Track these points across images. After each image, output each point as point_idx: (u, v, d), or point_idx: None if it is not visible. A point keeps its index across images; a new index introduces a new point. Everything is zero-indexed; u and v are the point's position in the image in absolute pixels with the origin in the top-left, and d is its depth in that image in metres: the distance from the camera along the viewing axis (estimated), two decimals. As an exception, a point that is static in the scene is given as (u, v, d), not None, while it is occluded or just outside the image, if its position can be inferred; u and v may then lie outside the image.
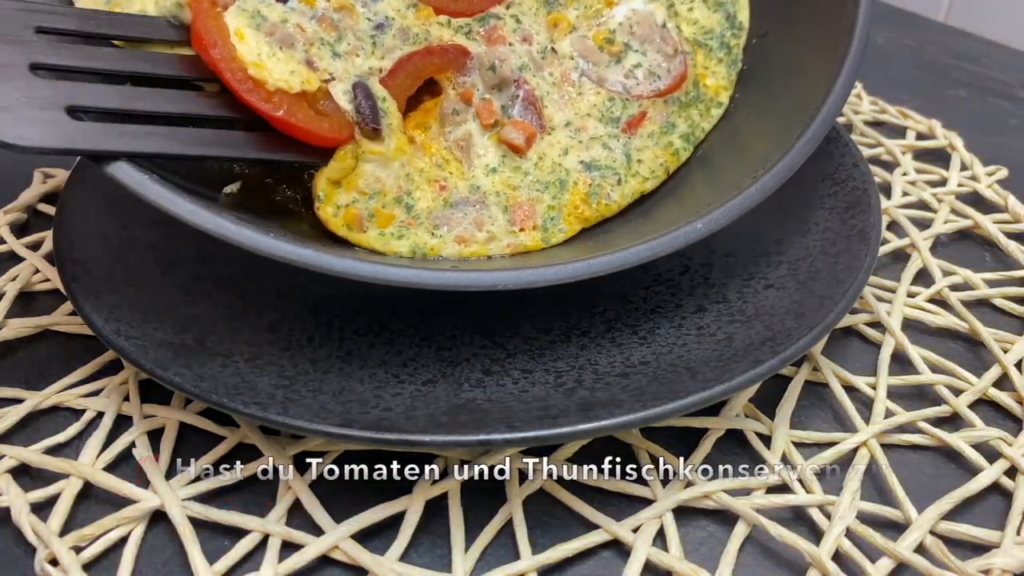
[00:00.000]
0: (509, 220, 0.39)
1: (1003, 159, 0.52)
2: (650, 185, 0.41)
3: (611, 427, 0.30)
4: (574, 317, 0.39)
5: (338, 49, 0.38)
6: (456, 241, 0.38)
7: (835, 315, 0.34)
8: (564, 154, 0.40)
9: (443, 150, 0.39)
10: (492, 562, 0.31)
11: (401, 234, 0.37)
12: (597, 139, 0.41)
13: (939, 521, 0.32)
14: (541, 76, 0.41)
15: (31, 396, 0.36)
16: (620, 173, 0.41)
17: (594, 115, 0.41)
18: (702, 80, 0.43)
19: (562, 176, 0.40)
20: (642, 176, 0.41)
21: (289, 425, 0.31)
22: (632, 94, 0.42)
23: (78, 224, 0.40)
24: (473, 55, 0.40)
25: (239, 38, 0.35)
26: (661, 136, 0.42)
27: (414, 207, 0.38)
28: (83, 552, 0.31)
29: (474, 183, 0.39)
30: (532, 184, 0.40)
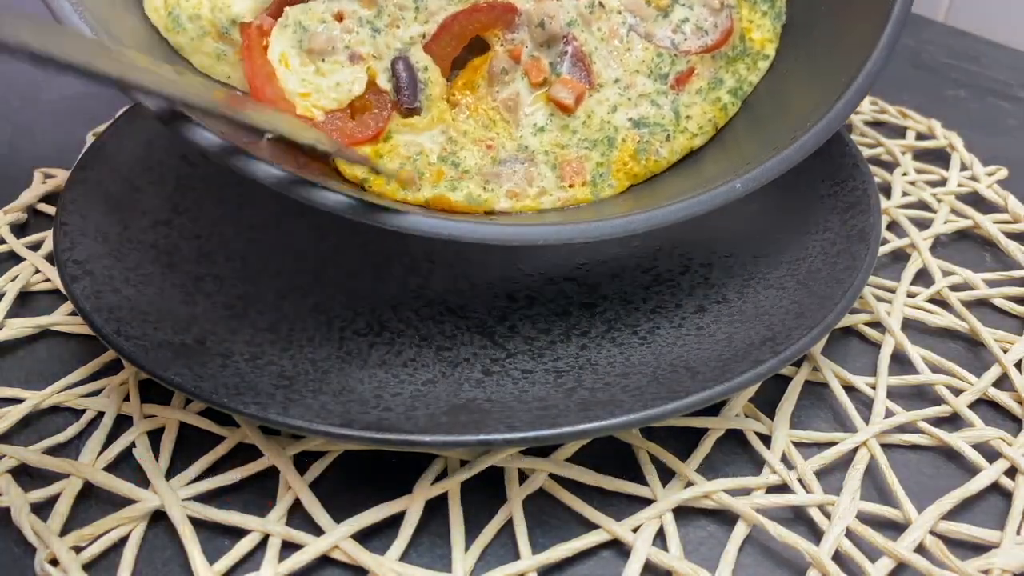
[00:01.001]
0: (558, 176, 0.39)
1: (1003, 159, 0.52)
2: (699, 141, 0.41)
3: (611, 427, 0.30)
4: (574, 317, 0.39)
5: (378, 24, 0.38)
6: (508, 196, 0.38)
7: (835, 315, 0.34)
8: (613, 111, 0.40)
9: (490, 110, 0.39)
10: (492, 562, 0.31)
11: (455, 187, 0.37)
12: (646, 96, 0.41)
13: (939, 521, 0.32)
14: (589, 32, 0.41)
15: (31, 396, 0.36)
16: (669, 129, 0.40)
17: (643, 71, 0.41)
18: (748, 34, 0.43)
19: (610, 134, 0.40)
20: (690, 132, 0.41)
21: (289, 425, 0.31)
22: (680, 49, 0.41)
23: (78, 224, 0.40)
24: (521, 11, 0.40)
25: (284, 65, 0.37)
26: (709, 92, 0.42)
27: (461, 164, 0.38)
28: (83, 552, 0.31)
29: (522, 143, 0.39)
30: (580, 142, 0.39)
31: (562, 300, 0.40)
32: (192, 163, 0.45)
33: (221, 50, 0.38)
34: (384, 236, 0.43)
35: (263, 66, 0.37)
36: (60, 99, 0.56)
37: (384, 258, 0.42)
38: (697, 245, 0.42)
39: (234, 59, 0.38)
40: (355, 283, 0.40)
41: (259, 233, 0.43)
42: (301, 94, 0.37)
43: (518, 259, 0.42)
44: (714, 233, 0.42)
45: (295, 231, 0.43)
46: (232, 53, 0.38)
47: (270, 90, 0.36)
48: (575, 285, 0.40)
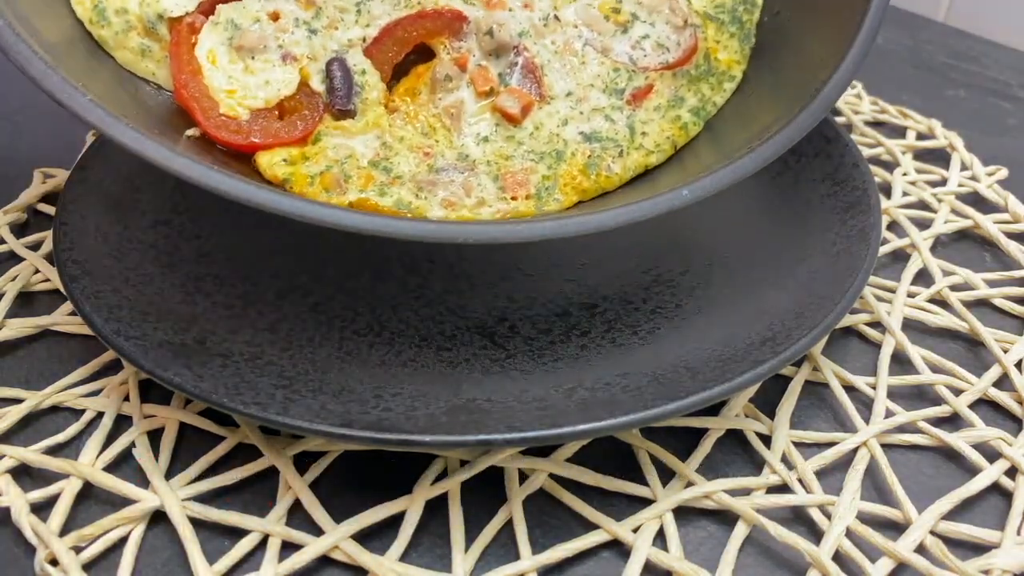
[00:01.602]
0: (500, 188, 0.37)
1: (1003, 159, 0.52)
2: (654, 159, 0.39)
3: (611, 427, 0.30)
4: (574, 317, 0.39)
5: (315, 26, 0.37)
6: (443, 205, 0.36)
7: (835, 315, 0.34)
8: (563, 124, 0.39)
9: (430, 118, 0.38)
10: (492, 562, 0.31)
11: (384, 192, 0.36)
12: (599, 111, 0.40)
13: (939, 521, 0.32)
14: (542, 44, 0.40)
15: (31, 396, 0.36)
16: (622, 145, 0.39)
17: (597, 86, 0.40)
18: (714, 54, 0.42)
19: (559, 147, 0.38)
20: (646, 149, 0.39)
21: (289, 425, 0.31)
22: (639, 66, 0.40)
23: (78, 224, 0.40)
24: (470, 19, 0.39)
25: (212, 62, 0.36)
26: (669, 110, 0.40)
27: (393, 170, 0.37)
28: (83, 552, 0.31)
29: (463, 151, 0.38)
30: (526, 154, 0.38)
31: (562, 300, 0.40)
32: (192, 163, 0.45)
33: (146, 46, 0.38)
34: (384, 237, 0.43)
35: (189, 62, 0.36)
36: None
37: (384, 258, 0.42)
38: (697, 245, 0.42)
39: (159, 55, 0.38)
40: (355, 283, 0.40)
41: (259, 233, 0.43)
42: (227, 91, 0.36)
43: (518, 259, 0.42)
44: (714, 234, 0.42)
45: (295, 231, 0.43)
46: (158, 49, 0.38)
47: (194, 87, 0.36)
48: (575, 285, 0.40)
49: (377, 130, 0.37)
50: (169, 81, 0.37)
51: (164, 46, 0.37)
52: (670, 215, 0.43)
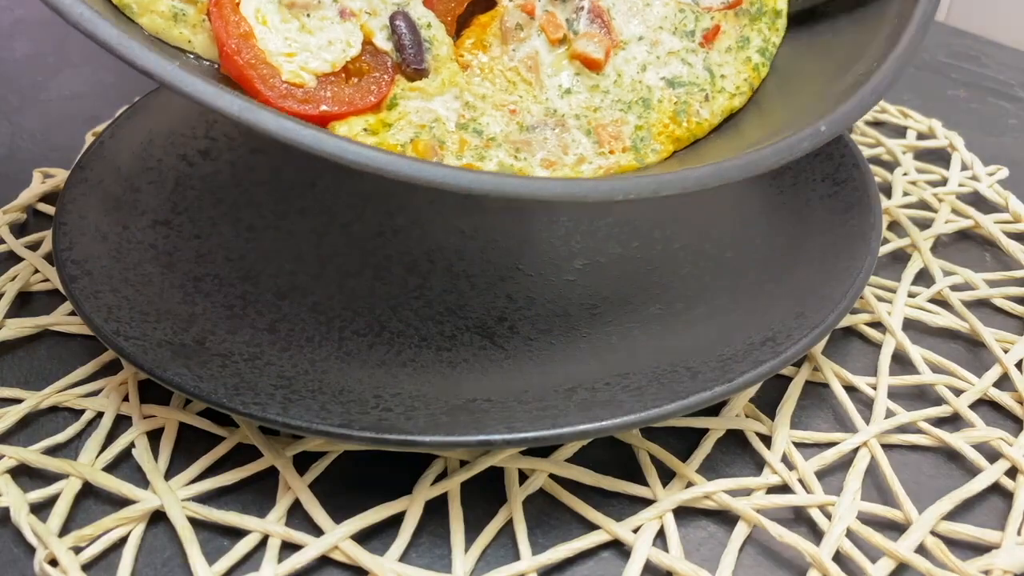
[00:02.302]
0: (595, 143, 0.35)
1: (1003, 159, 0.52)
2: (738, 102, 0.38)
3: (611, 427, 0.30)
4: (574, 317, 0.39)
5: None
6: (543, 165, 0.35)
7: (835, 315, 0.34)
8: (642, 70, 0.37)
9: (507, 71, 0.36)
10: (492, 562, 0.31)
11: (482, 156, 0.34)
12: (675, 54, 0.38)
13: (940, 521, 0.32)
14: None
15: (30, 396, 0.36)
16: (706, 89, 0.38)
17: (666, 28, 0.38)
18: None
19: (644, 94, 0.37)
20: (728, 92, 0.38)
21: (289, 425, 0.31)
22: (702, 5, 0.39)
23: (77, 224, 0.40)
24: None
25: (262, 23, 0.32)
26: (739, 51, 0.39)
27: (484, 131, 0.34)
28: (82, 552, 0.31)
29: (549, 106, 0.36)
30: (614, 104, 0.37)
31: (562, 300, 0.40)
32: (191, 163, 0.45)
33: (178, 9, 0.33)
34: (383, 235, 0.43)
35: (237, 24, 0.32)
36: (60, 99, 0.56)
37: (383, 258, 0.42)
38: (697, 245, 0.42)
39: (195, 19, 0.33)
40: (354, 283, 0.40)
41: (258, 233, 0.43)
42: (286, 54, 0.32)
43: (518, 259, 0.42)
44: (714, 234, 0.42)
45: (295, 231, 0.43)
46: (193, 13, 0.33)
47: (248, 52, 0.32)
48: (575, 285, 0.40)
49: (455, 89, 0.34)
50: (208, 49, 0.33)
51: (200, 8, 0.33)
52: (669, 214, 0.43)
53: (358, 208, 0.44)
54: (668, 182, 0.30)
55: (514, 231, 0.43)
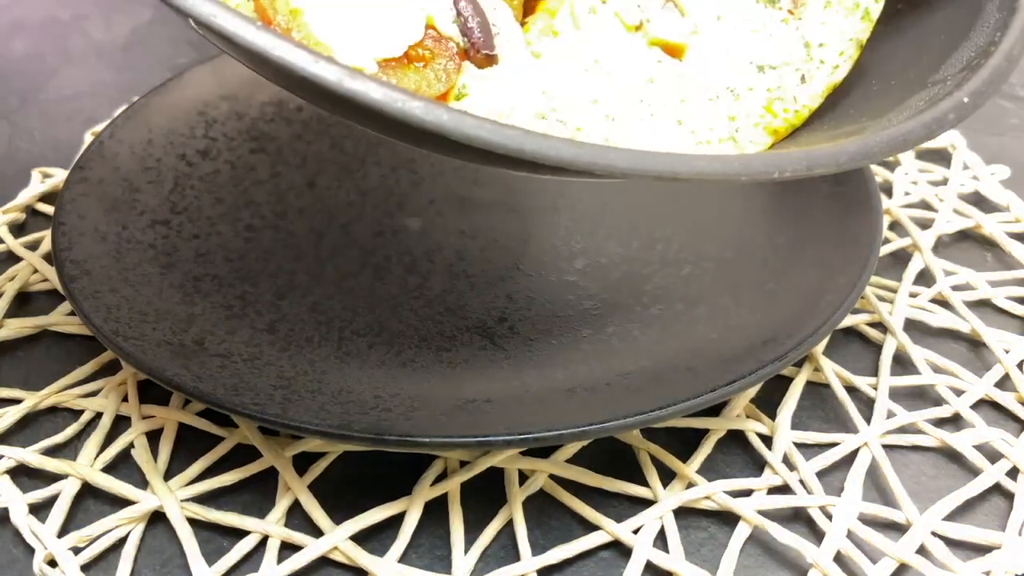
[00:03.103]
0: (691, 132, 0.32)
1: (1004, 159, 0.52)
2: (841, 73, 0.33)
3: (611, 427, 0.30)
4: (574, 317, 0.39)
5: None
6: None
7: (836, 315, 0.34)
8: (725, 54, 0.33)
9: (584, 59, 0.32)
10: (492, 563, 0.31)
11: None
12: (758, 31, 0.34)
13: (940, 522, 0.32)
14: None
15: (29, 396, 0.36)
16: (801, 71, 0.33)
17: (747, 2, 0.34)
18: None
19: (731, 83, 0.33)
20: (830, 64, 0.34)
21: (288, 425, 0.31)
22: None
23: (77, 224, 0.40)
24: None
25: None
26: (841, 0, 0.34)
27: (568, 122, 0.31)
28: (82, 553, 0.31)
29: (634, 95, 0.32)
30: (702, 92, 0.33)
31: (562, 300, 0.40)
32: (191, 163, 0.45)
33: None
34: (383, 235, 0.43)
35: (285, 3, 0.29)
36: (59, 99, 0.56)
37: (383, 257, 0.42)
38: (697, 245, 0.42)
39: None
40: (354, 283, 0.40)
41: (258, 233, 0.43)
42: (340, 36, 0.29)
43: (518, 259, 0.42)
44: (715, 234, 0.42)
45: (294, 231, 0.43)
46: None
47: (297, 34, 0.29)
48: (575, 285, 0.40)
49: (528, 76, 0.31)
50: None
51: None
52: (669, 214, 0.42)
53: (358, 208, 0.44)
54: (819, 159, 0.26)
55: (514, 231, 0.43)
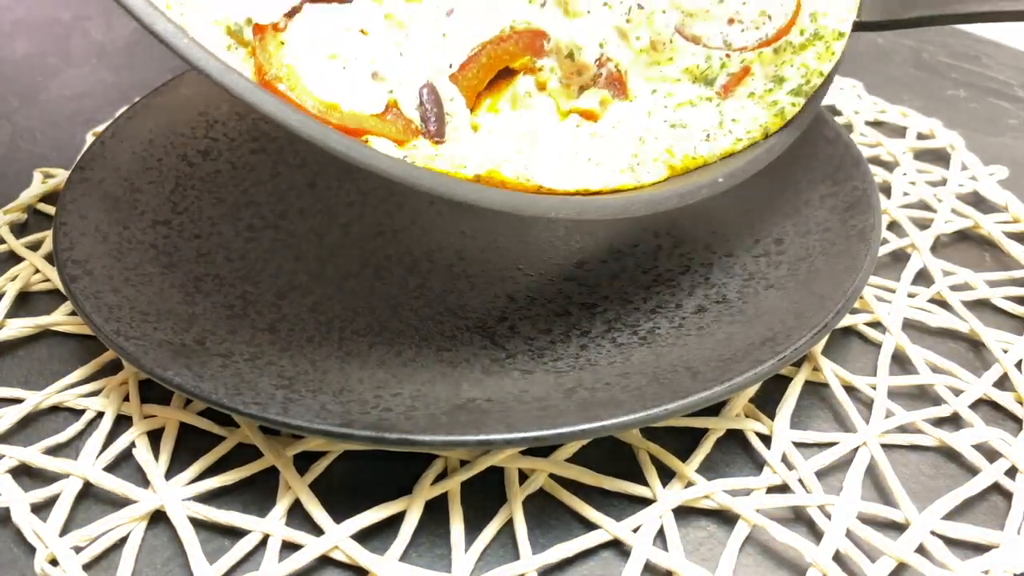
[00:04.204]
0: (596, 164, 0.36)
1: (1003, 159, 0.52)
2: (742, 146, 0.37)
3: (611, 427, 0.30)
4: (574, 317, 0.39)
5: (404, 48, 0.35)
6: None
7: (835, 315, 0.34)
8: (647, 117, 0.37)
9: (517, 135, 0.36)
10: (492, 562, 0.31)
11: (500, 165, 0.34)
12: (686, 103, 0.37)
13: (939, 521, 0.32)
14: (627, 44, 0.37)
15: (31, 396, 0.36)
16: (709, 131, 0.37)
17: (686, 79, 0.37)
18: (820, 8, 0.37)
19: (643, 133, 0.37)
20: (735, 136, 0.37)
21: (289, 425, 0.31)
22: (734, 47, 0.37)
23: (78, 224, 0.40)
24: (551, 37, 0.37)
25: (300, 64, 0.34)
26: (764, 95, 0.37)
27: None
28: (83, 552, 0.31)
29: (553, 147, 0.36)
30: (610, 144, 0.37)
31: (562, 300, 0.40)
32: (192, 163, 0.45)
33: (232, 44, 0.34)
34: (383, 235, 0.43)
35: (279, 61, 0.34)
36: (60, 99, 0.56)
37: (383, 258, 0.42)
38: (697, 245, 0.42)
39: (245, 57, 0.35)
40: (355, 283, 0.40)
41: (258, 233, 0.43)
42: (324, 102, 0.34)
43: (518, 259, 0.42)
44: (714, 233, 0.42)
45: (295, 231, 0.43)
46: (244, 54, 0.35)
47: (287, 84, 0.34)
48: (575, 285, 0.40)
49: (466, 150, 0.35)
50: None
51: (250, 51, 0.34)
52: (669, 215, 0.42)
53: (358, 208, 0.44)
54: (588, 207, 0.33)
55: (514, 231, 0.43)
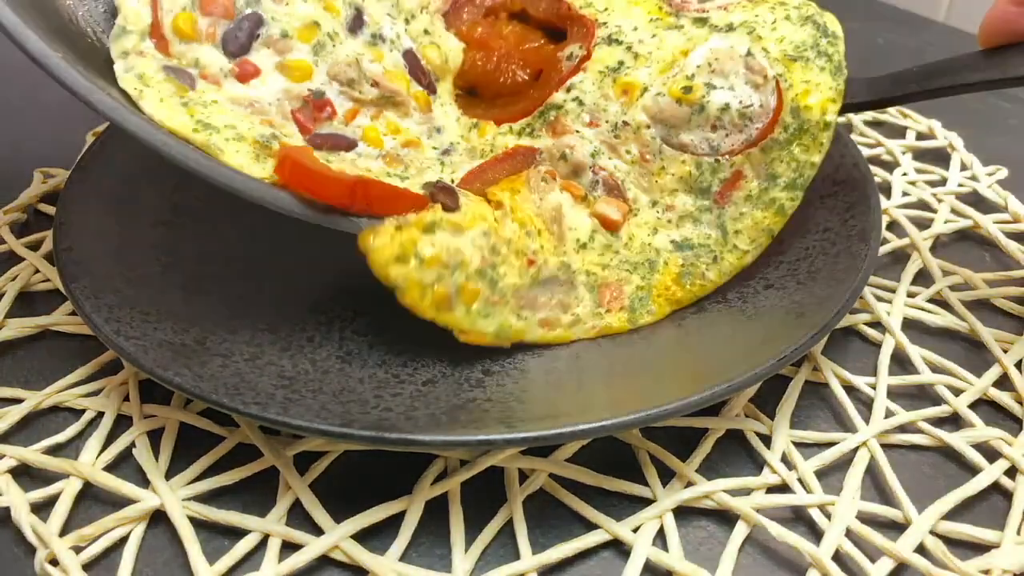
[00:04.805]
0: (595, 301, 0.37)
1: (1003, 159, 0.52)
2: (750, 258, 0.39)
3: (611, 427, 0.30)
4: (574, 317, 0.39)
5: (405, 175, 0.37)
6: (541, 325, 0.36)
7: (835, 315, 0.34)
8: (653, 234, 0.38)
9: (534, 218, 0.37)
10: (492, 562, 0.31)
11: (488, 313, 0.35)
12: (687, 216, 0.39)
13: (939, 521, 0.32)
14: (618, 156, 0.39)
15: (31, 396, 0.36)
16: (715, 251, 0.38)
17: (682, 188, 0.39)
18: (803, 101, 0.38)
19: (651, 256, 0.38)
20: (741, 250, 0.38)
21: (289, 425, 0.31)
22: (721, 152, 0.38)
23: (78, 224, 0.40)
24: (542, 149, 0.39)
25: None
26: (761, 195, 0.38)
27: (499, 283, 0.35)
28: (83, 552, 0.31)
29: (565, 260, 0.37)
30: (621, 263, 0.38)
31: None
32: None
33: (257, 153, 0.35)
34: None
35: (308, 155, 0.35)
36: (60, 99, 0.56)
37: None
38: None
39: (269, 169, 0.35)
40: (355, 283, 0.40)
41: (259, 233, 0.43)
42: None
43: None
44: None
45: (295, 231, 0.43)
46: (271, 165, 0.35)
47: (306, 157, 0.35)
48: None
49: (484, 224, 0.35)
50: None
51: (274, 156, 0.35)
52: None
53: (358, 208, 0.44)
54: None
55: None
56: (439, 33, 0.44)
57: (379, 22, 0.41)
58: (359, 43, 0.40)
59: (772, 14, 0.40)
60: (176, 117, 0.34)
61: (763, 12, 0.40)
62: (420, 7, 0.43)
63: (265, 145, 0.34)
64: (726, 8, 0.41)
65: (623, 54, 0.40)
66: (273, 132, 0.35)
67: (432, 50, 0.43)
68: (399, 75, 0.41)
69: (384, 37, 0.41)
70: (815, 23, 0.39)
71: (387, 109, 0.39)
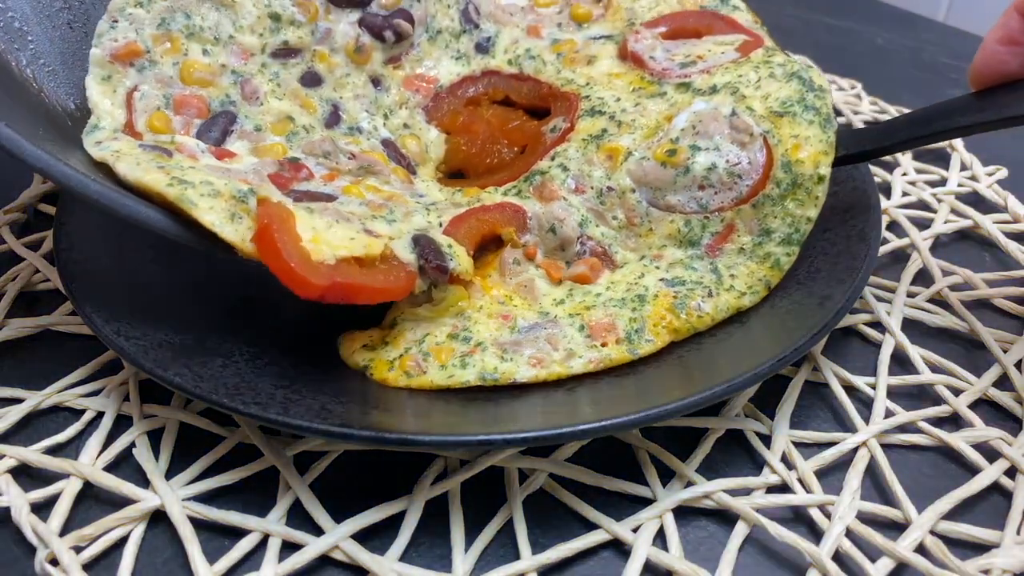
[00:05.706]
0: (587, 336, 0.35)
1: (1003, 159, 0.52)
2: (748, 301, 0.37)
3: (611, 427, 0.30)
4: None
5: (392, 217, 0.37)
6: (530, 363, 0.34)
7: (835, 315, 0.34)
8: (640, 277, 0.38)
9: (507, 291, 0.37)
10: (492, 562, 0.31)
11: (465, 363, 0.34)
12: (677, 263, 0.38)
13: (939, 521, 0.32)
14: (606, 224, 0.38)
15: (31, 396, 0.36)
16: (710, 287, 0.37)
17: (671, 244, 0.38)
18: (794, 156, 0.37)
19: (640, 292, 0.37)
20: (738, 291, 0.37)
21: (289, 425, 0.31)
22: (711, 209, 0.38)
23: (78, 224, 0.40)
24: (531, 215, 0.39)
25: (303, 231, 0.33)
26: (755, 249, 0.38)
27: (473, 338, 0.35)
28: (83, 552, 0.31)
29: (542, 311, 0.37)
30: (607, 303, 0.37)
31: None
32: (192, 163, 0.45)
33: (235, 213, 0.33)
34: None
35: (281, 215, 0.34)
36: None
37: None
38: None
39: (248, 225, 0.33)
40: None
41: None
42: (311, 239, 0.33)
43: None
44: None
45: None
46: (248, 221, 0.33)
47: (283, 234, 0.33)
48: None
49: (454, 311, 0.36)
50: None
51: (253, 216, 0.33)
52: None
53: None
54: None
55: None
56: (419, 126, 0.44)
57: (356, 117, 0.42)
58: (336, 134, 0.41)
59: (756, 73, 0.40)
60: (150, 174, 0.33)
61: (747, 72, 0.40)
62: (399, 103, 0.43)
63: (241, 200, 0.33)
64: (709, 72, 0.41)
65: (606, 123, 0.41)
66: (251, 188, 0.34)
67: (411, 140, 0.43)
68: (377, 153, 0.41)
69: (362, 129, 0.42)
70: (800, 78, 0.39)
71: (367, 178, 0.40)
